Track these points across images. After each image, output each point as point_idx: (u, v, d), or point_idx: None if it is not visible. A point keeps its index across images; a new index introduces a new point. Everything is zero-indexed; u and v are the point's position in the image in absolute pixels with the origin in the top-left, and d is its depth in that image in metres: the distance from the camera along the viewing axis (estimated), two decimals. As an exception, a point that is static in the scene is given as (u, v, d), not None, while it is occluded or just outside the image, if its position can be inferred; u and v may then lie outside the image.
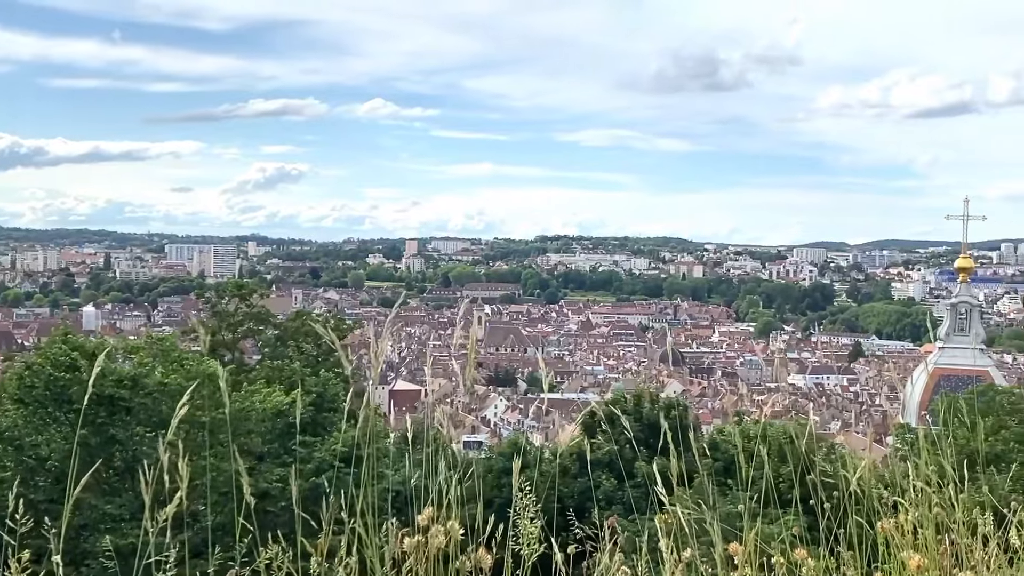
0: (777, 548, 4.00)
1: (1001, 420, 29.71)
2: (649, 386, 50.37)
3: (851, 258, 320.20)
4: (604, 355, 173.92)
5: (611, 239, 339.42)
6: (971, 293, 68.06)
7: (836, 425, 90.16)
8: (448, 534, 3.56)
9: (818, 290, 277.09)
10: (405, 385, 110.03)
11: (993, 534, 4.32)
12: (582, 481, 24.74)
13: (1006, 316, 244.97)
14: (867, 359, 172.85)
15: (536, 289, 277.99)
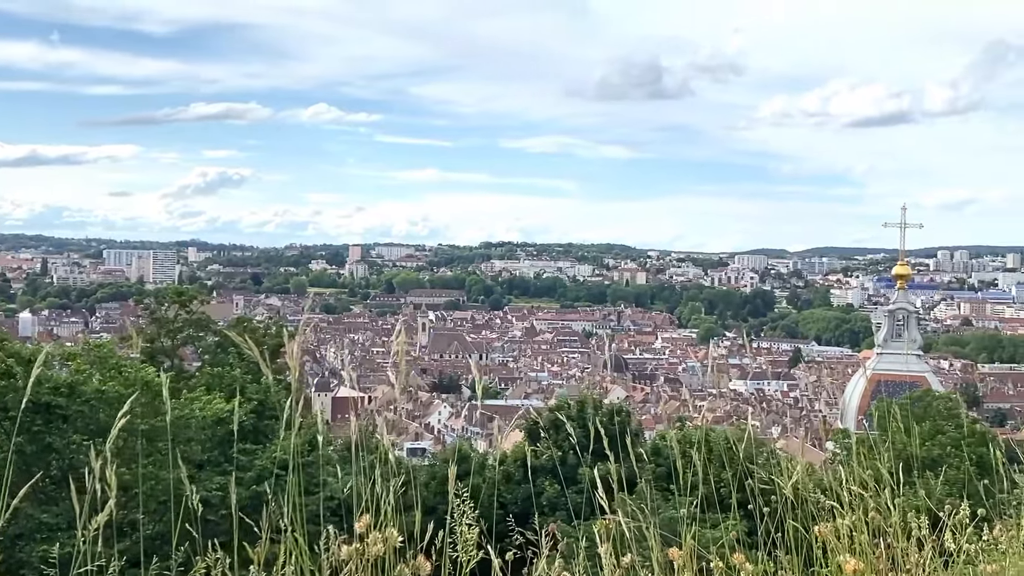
0: (716, 552, 4.02)
1: (937, 425, 30.24)
2: (593, 392, 50.49)
3: (791, 265, 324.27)
4: (548, 361, 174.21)
5: (555, 246, 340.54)
6: (908, 300, 69.21)
7: (776, 430, 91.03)
8: (386, 541, 3.54)
9: (759, 296, 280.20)
10: (348, 392, 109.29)
11: (928, 538, 4.39)
12: (525, 487, 24.76)
13: (942, 322, 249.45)
14: (807, 365, 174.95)
15: (480, 295, 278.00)
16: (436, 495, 19.79)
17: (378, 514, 3.68)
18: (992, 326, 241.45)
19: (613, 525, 3.89)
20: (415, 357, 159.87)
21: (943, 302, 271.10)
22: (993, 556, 4.50)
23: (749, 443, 4.91)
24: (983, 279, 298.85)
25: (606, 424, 14.14)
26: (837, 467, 4.51)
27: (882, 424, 24.37)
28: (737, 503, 4.36)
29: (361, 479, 3.80)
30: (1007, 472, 5.17)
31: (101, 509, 3.25)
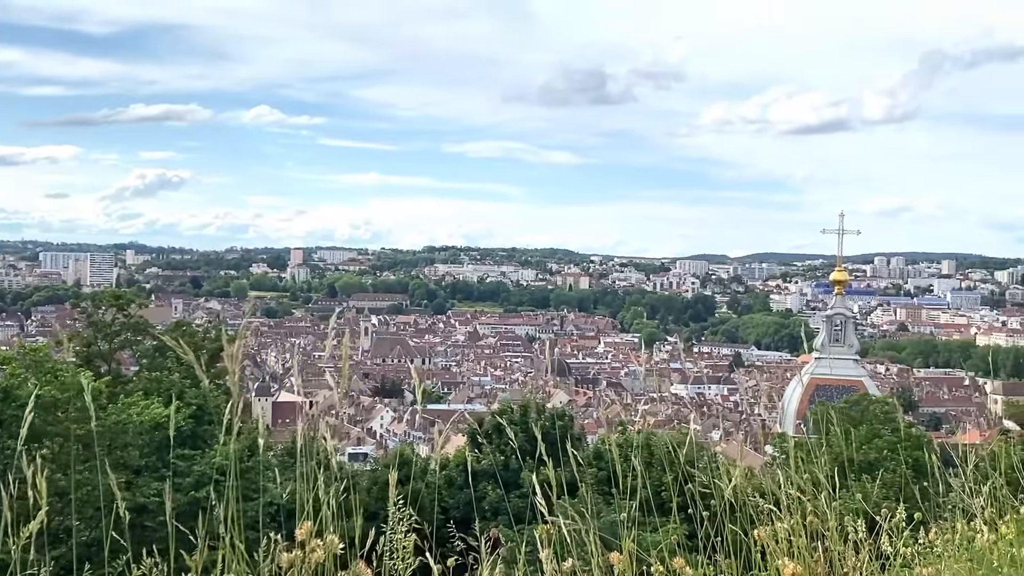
0: (656, 557, 4.04)
1: (874, 429, 30.62)
2: (535, 396, 50.60)
3: (732, 270, 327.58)
4: (491, 366, 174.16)
5: (499, 250, 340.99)
6: (846, 305, 70.14)
7: (716, 434, 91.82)
8: (327, 548, 3.51)
9: (700, 301, 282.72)
10: (289, 397, 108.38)
11: (865, 541, 4.44)
12: (467, 492, 24.72)
13: (879, 327, 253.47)
14: (747, 369, 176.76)
15: (423, 300, 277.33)
16: (378, 500, 19.58)
17: (319, 520, 3.65)
18: (927, 331, 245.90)
19: (554, 530, 3.89)
20: (357, 361, 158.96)
21: (880, 308, 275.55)
22: (929, 559, 4.57)
23: (689, 447, 4.94)
24: (919, 285, 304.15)
25: (548, 428, 14.24)
26: (776, 471, 4.56)
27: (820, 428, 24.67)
28: (677, 507, 4.38)
29: (302, 485, 3.76)
30: (942, 476, 5.25)
31: (34, 516, 3.18)
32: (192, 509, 4.02)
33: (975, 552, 4.51)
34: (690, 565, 4.04)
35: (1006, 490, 5.03)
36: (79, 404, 17.32)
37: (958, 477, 5.17)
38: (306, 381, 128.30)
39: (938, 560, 4.53)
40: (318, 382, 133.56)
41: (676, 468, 4.60)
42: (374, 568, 3.70)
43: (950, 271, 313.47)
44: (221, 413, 3.95)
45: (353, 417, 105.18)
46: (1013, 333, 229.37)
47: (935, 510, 5.17)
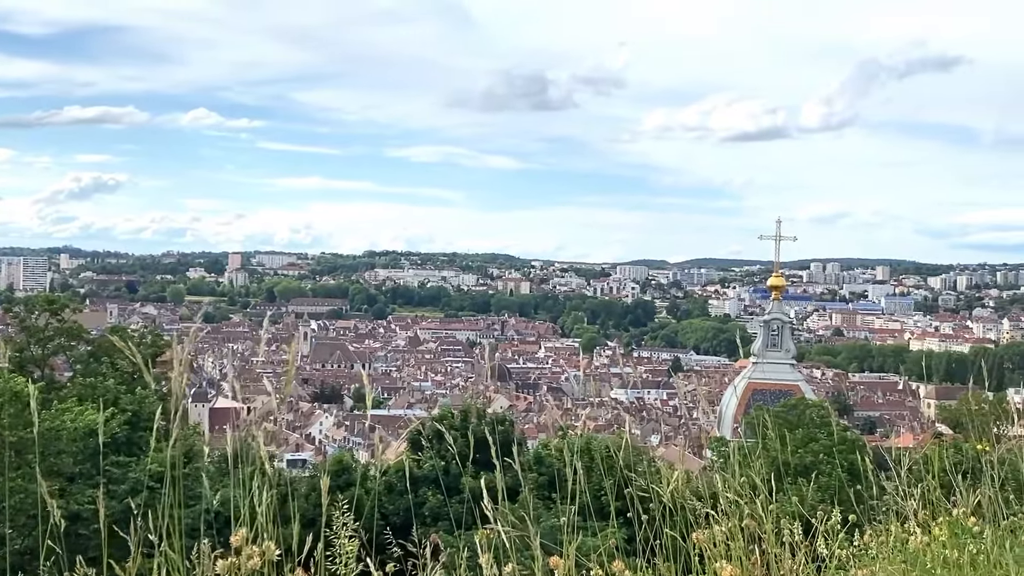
0: (596, 561, 4.05)
1: (810, 433, 31.00)
2: (476, 401, 50.46)
3: (671, 276, 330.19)
4: (432, 371, 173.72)
5: (439, 255, 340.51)
6: (783, 310, 70.90)
7: (655, 439, 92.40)
8: (263, 555, 3.47)
9: (640, 307, 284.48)
10: (226, 403, 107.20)
11: (801, 544, 4.49)
12: (407, 498, 24.61)
13: (815, 332, 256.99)
14: (685, 374, 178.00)
15: (364, 304, 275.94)
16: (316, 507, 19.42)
17: (256, 527, 3.61)
18: (862, 336, 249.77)
19: (495, 535, 3.88)
20: (296, 366, 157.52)
21: (816, 313, 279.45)
22: (864, 561, 4.63)
23: (628, 451, 4.97)
24: (854, 291, 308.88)
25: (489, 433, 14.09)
26: (714, 475, 4.59)
27: (757, 432, 24.90)
28: (617, 511, 4.40)
29: (239, 491, 3.72)
30: (876, 479, 5.33)
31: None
32: (127, 516, 3.95)
33: (909, 554, 4.58)
34: (629, 569, 4.06)
35: (939, 492, 5.11)
36: (11, 411, 16.99)
37: (892, 480, 5.24)
38: (243, 387, 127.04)
39: (873, 562, 4.59)
40: (256, 388, 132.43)
41: (616, 472, 4.62)
42: (312, 575, 3.66)
43: (884, 277, 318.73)
44: (156, 419, 3.89)
45: (292, 423, 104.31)
46: (946, 338, 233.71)
47: (870, 513, 5.24)
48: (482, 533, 3.86)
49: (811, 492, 5.82)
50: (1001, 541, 4.43)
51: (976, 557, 4.33)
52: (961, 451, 5.50)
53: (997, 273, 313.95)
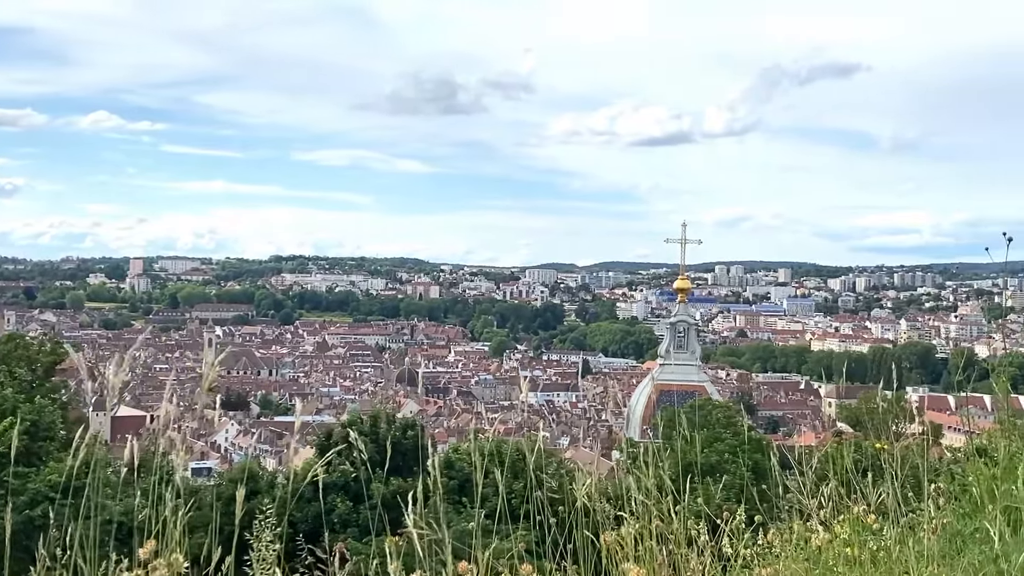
0: (505, 564, 4.07)
1: (716, 433, 31.53)
2: (385, 407, 50.23)
3: (579, 279, 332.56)
4: (340, 376, 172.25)
5: (348, 259, 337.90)
6: (688, 312, 71.89)
7: (565, 441, 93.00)
8: (171, 567, 3.42)
9: (549, 310, 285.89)
10: (129, 411, 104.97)
11: (707, 543, 4.57)
12: (316, 505, 24.37)
13: (720, 334, 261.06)
14: (594, 376, 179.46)
15: (270, 310, 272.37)
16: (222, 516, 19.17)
17: (162, 538, 3.56)
18: (765, 337, 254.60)
19: (404, 541, 3.88)
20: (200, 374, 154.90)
21: (720, 315, 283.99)
22: (768, 560, 4.72)
23: (539, 454, 5.00)
24: (757, 292, 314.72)
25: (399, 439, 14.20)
26: (622, 476, 4.64)
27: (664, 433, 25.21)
28: (527, 514, 4.42)
29: (144, 502, 3.66)
30: (780, 478, 5.43)
31: None
32: (27, 529, 3.86)
33: (811, 552, 4.68)
34: (538, 572, 4.08)
35: (840, 491, 5.23)
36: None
37: (795, 479, 5.35)
38: (145, 395, 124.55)
39: (776, 560, 4.69)
40: (159, 396, 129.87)
41: (526, 475, 4.64)
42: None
43: (786, 279, 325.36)
44: (56, 429, 3.81)
45: (196, 431, 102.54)
46: (845, 338, 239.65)
47: (774, 511, 5.35)
48: (391, 540, 3.86)
49: (717, 492, 5.91)
50: (901, 538, 4.55)
51: (877, 554, 4.45)
52: (861, 450, 5.65)
53: (894, 275, 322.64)
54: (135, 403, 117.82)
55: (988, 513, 4.45)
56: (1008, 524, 4.21)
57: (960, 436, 26.81)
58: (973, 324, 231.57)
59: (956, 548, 4.36)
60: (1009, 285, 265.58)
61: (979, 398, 8.87)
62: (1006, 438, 5.29)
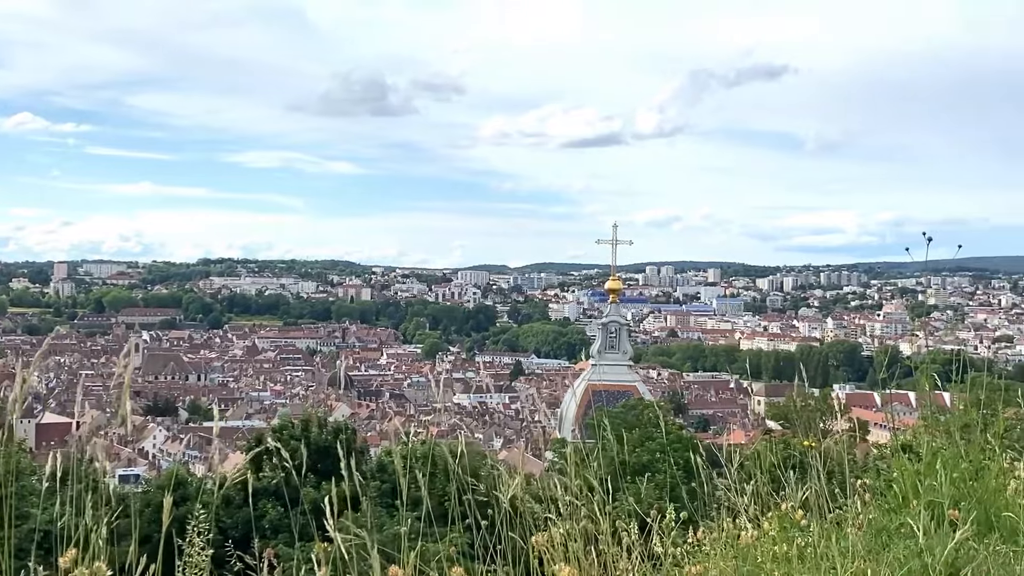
0: (435, 567, 4.06)
1: (647, 432, 31.73)
2: (317, 410, 49.79)
3: (512, 280, 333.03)
4: (271, 380, 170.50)
5: (278, 262, 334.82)
6: (620, 313, 72.39)
7: (498, 442, 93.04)
8: (94, 575, 3.35)
9: (481, 312, 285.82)
10: (54, 418, 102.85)
11: (637, 542, 4.59)
12: (246, 511, 24.11)
13: (651, 334, 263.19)
14: (527, 377, 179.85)
15: (198, 314, 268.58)
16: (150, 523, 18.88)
17: (87, 546, 3.49)
18: (695, 337, 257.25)
19: (334, 546, 3.84)
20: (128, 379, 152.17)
21: (651, 315, 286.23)
22: (698, 557, 4.76)
23: (471, 456, 4.99)
24: (687, 292, 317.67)
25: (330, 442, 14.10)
26: (554, 476, 4.65)
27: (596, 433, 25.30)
28: (459, 516, 4.42)
29: (68, 509, 3.59)
30: (709, 476, 5.48)
31: None
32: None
33: (740, 549, 4.73)
34: (468, 574, 4.07)
35: (769, 488, 5.29)
36: None
37: (724, 477, 5.41)
38: (69, 401, 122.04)
39: (706, 558, 4.73)
40: (87, 402, 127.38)
41: (458, 478, 4.63)
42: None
43: (715, 279, 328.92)
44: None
45: (124, 437, 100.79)
46: (774, 337, 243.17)
47: (703, 509, 5.39)
48: (319, 546, 3.82)
49: (647, 491, 5.96)
50: (827, 534, 4.62)
51: (804, 550, 4.51)
52: (789, 447, 5.75)
53: (820, 274, 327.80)
54: (60, 410, 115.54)
55: (912, 508, 4.53)
56: (932, 519, 4.29)
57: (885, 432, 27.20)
58: (897, 322, 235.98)
59: (881, 543, 4.43)
60: (931, 284, 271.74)
61: (904, 395, 9.06)
62: (930, 434, 5.40)
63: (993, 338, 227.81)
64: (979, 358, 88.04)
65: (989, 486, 4.82)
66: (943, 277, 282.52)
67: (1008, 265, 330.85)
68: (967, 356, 6.30)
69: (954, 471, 4.73)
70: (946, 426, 5.54)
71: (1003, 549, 4.31)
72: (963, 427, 5.47)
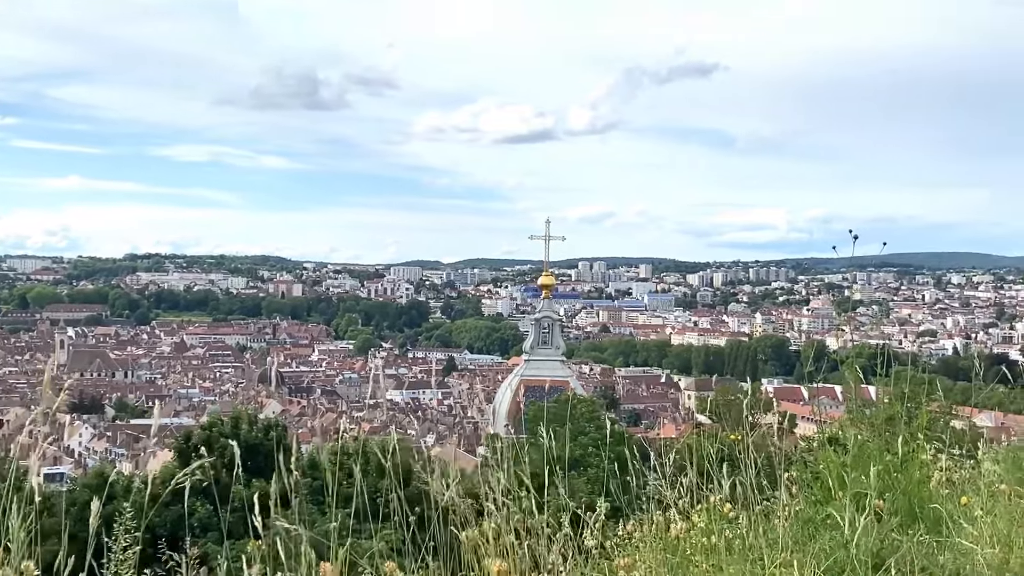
0: (367, 563, 4.05)
1: (580, 426, 31.92)
2: (247, 408, 49.28)
3: (445, 276, 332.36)
4: (200, 377, 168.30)
5: (207, 257, 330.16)
6: (553, 308, 72.56)
7: (431, 438, 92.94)
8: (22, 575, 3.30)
9: (414, 307, 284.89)
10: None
11: (568, 536, 4.63)
12: (175, 509, 23.80)
13: (583, 329, 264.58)
14: (460, 373, 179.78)
15: (125, 310, 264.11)
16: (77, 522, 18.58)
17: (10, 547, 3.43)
18: (627, 332, 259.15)
19: (265, 544, 3.82)
20: (52, 376, 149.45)
21: (584, 310, 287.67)
22: (628, 550, 4.81)
23: (404, 452, 4.98)
24: (619, 288, 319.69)
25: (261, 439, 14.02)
26: (487, 472, 4.67)
27: (529, 428, 25.46)
28: (392, 512, 4.41)
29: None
30: (640, 470, 5.53)
31: None
32: None
33: (670, 541, 4.79)
34: (401, 570, 4.07)
35: (699, 481, 5.36)
36: None
37: (655, 470, 5.46)
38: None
39: (635, 551, 4.78)
40: (9, 400, 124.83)
41: (391, 474, 4.62)
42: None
43: (647, 275, 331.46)
44: None
45: (48, 435, 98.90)
46: (704, 332, 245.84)
47: (635, 503, 5.45)
48: (252, 543, 3.80)
49: (580, 485, 5.99)
50: (755, 526, 4.69)
51: (732, 542, 4.57)
52: (719, 440, 5.82)
53: (750, 270, 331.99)
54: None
55: (838, 500, 4.61)
56: (857, 510, 4.37)
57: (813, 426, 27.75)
58: (824, 317, 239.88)
59: (808, 534, 4.51)
60: (857, 280, 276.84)
61: (830, 389, 9.20)
62: (855, 427, 5.49)
63: (917, 332, 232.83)
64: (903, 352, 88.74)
65: (913, 478, 4.92)
66: (868, 273, 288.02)
67: (931, 261, 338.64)
68: (891, 350, 6.42)
69: (879, 463, 4.82)
70: (871, 419, 5.64)
71: (927, 539, 4.41)
72: (888, 420, 5.57)
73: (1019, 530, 4.58)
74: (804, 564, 4.05)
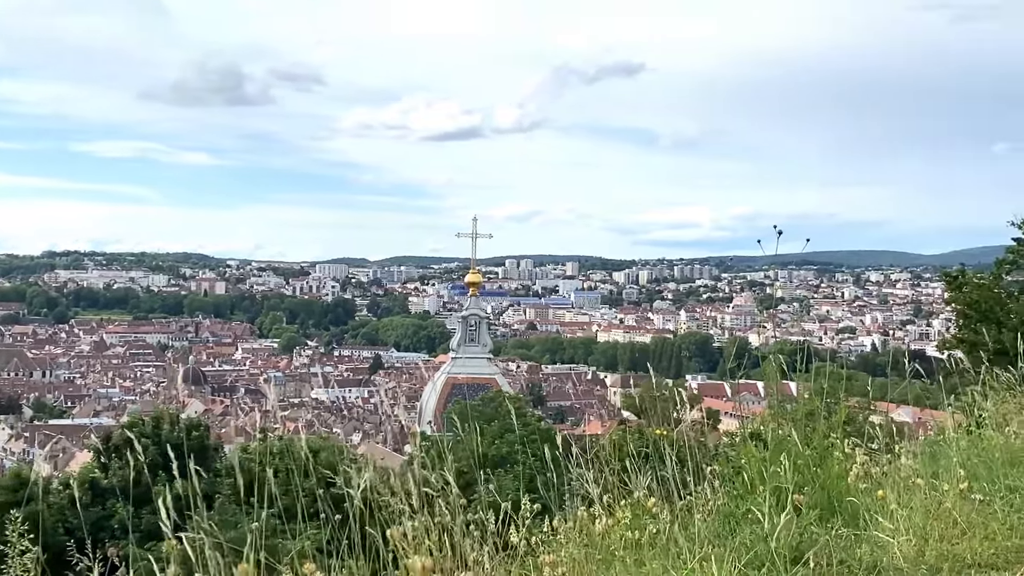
0: (287, 564, 4.01)
1: (506, 424, 31.93)
2: (169, 407, 48.56)
3: (371, 274, 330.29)
4: (120, 377, 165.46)
5: (127, 255, 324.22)
6: (480, 306, 72.74)
7: (357, 437, 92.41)
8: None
9: (340, 305, 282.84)
10: None
11: (493, 533, 4.63)
12: (94, 510, 23.40)
13: (511, 327, 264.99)
14: (386, 371, 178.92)
15: (43, 308, 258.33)
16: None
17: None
18: (554, 330, 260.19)
19: (185, 544, 3.76)
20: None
21: (511, 308, 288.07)
22: (552, 547, 4.83)
23: (329, 451, 4.94)
24: (546, 286, 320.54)
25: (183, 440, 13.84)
26: (411, 470, 4.65)
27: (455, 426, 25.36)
28: (315, 512, 4.37)
29: None
30: (566, 466, 5.55)
31: None
32: None
33: (593, 537, 4.81)
34: (321, 570, 4.03)
35: (623, 477, 5.39)
36: None
37: (580, 467, 5.48)
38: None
39: (560, 547, 4.79)
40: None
41: (315, 473, 4.59)
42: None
43: (574, 272, 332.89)
44: None
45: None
46: (630, 330, 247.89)
47: (560, 499, 5.46)
48: (169, 544, 3.74)
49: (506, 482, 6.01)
50: (678, 520, 4.74)
51: (655, 537, 4.61)
52: (644, 436, 5.88)
53: (674, 268, 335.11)
54: None
55: (759, 494, 4.68)
56: (777, 504, 4.43)
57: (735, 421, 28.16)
58: (747, 314, 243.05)
59: (729, 528, 4.57)
60: (779, 277, 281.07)
61: (752, 384, 9.33)
62: (776, 423, 5.57)
63: (836, 329, 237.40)
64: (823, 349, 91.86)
65: (832, 472, 5.00)
66: (790, 271, 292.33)
67: (851, 259, 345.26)
68: (812, 347, 6.53)
69: (798, 458, 4.90)
70: (792, 415, 5.73)
71: (845, 532, 4.50)
72: (807, 415, 5.66)
73: (934, 523, 4.68)
74: (723, 558, 4.09)
